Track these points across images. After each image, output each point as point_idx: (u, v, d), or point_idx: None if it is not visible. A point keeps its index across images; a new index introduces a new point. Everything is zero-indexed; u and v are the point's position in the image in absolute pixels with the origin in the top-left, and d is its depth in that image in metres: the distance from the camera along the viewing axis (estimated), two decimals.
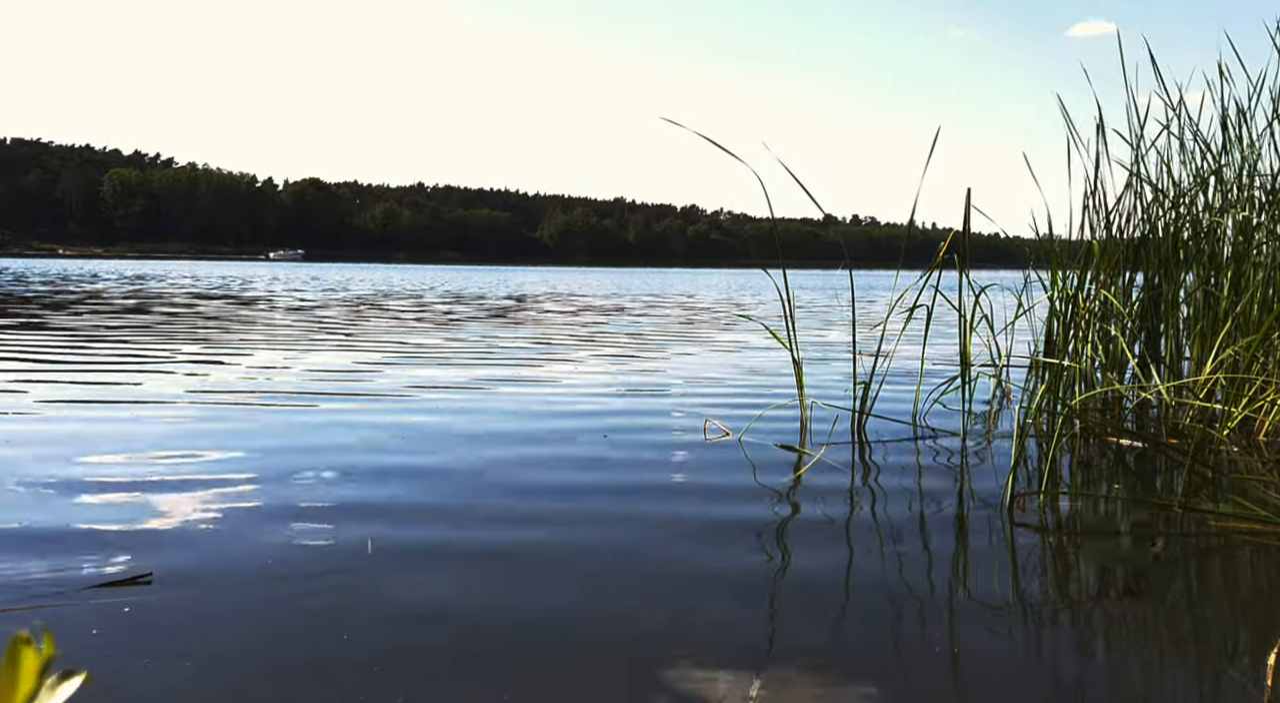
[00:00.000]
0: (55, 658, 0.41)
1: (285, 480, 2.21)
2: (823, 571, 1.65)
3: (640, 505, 2.06)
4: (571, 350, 5.68)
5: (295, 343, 5.86)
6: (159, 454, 2.48)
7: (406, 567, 1.62)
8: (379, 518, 1.91)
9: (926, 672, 1.24)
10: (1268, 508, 2.03)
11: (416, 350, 5.49)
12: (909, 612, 1.45)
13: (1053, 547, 1.88)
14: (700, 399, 3.64)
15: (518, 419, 3.14)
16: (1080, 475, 2.52)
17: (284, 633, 1.34)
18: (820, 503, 2.12)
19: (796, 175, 3.00)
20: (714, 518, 1.98)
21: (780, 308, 3.16)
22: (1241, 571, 1.74)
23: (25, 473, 2.24)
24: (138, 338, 6.05)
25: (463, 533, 1.83)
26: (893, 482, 2.34)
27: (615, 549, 1.75)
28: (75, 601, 1.42)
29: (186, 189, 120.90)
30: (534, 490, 2.18)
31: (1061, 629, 1.41)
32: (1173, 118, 3.44)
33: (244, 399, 3.47)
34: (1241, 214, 3.35)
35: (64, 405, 3.29)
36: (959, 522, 2.00)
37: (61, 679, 0.42)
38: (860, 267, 57.82)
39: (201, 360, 4.84)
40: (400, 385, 3.90)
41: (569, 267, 68.80)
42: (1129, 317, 3.43)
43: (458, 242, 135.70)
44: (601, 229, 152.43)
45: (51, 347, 5.39)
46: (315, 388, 3.81)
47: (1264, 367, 2.93)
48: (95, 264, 41.65)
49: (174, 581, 1.52)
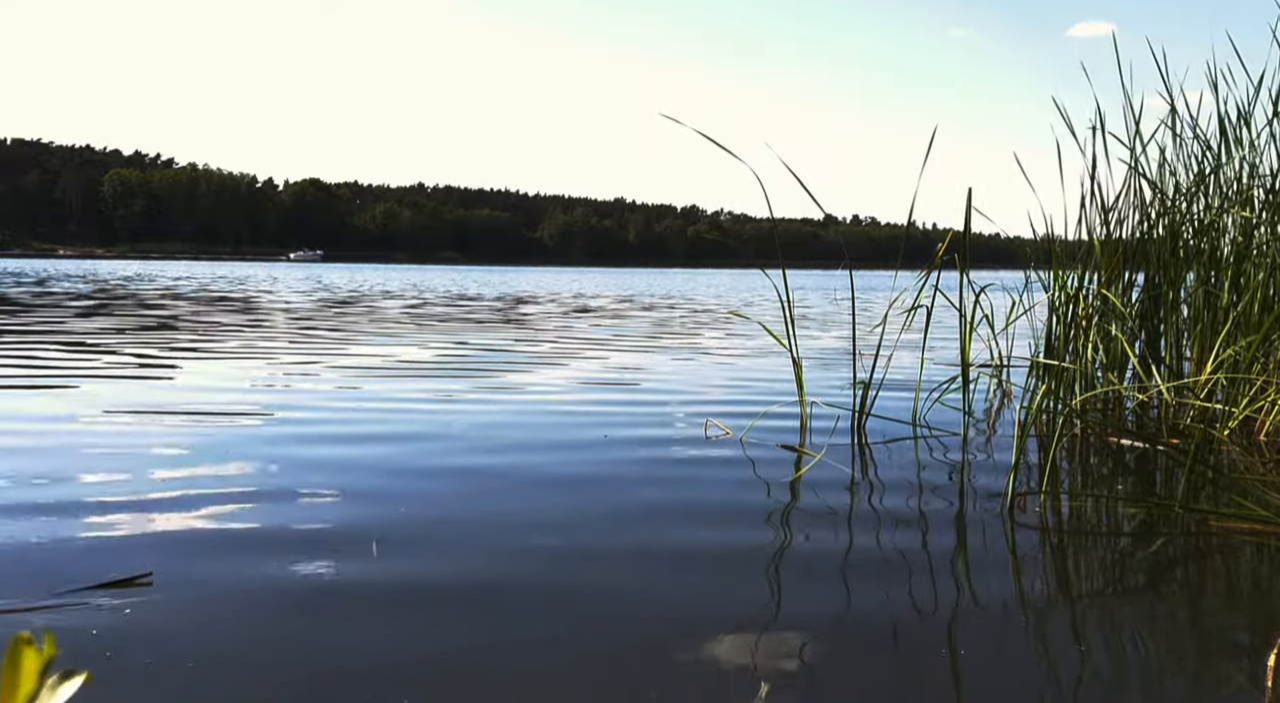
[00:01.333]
0: (56, 658, 0.41)
1: (286, 482, 2.21)
2: (822, 570, 1.65)
3: (640, 506, 2.06)
4: (572, 350, 5.68)
5: (329, 344, 5.86)
6: (159, 455, 2.48)
7: (408, 568, 1.62)
8: (380, 519, 1.91)
9: (927, 672, 1.24)
10: (1268, 508, 2.03)
11: (432, 351, 5.48)
12: (910, 612, 1.45)
13: (1053, 547, 1.88)
14: (700, 399, 3.64)
15: (518, 419, 3.14)
16: (1081, 476, 2.52)
17: (284, 634, 1.33)
18: (821, 503, 2.12)
19: (797, 175, 3.00)
20: (714, 518, 1.98)
21: (780, 308, 3.16)
22: (1241, 571, 1.74)
23: (25, 473, 2.24)
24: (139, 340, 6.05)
25: (464, 533, 1.83)
26: (893, 482, 2.34)
27: (615, 549, 1.75)
28: (75, 601, 1.42)
29: (186, 189, 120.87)
30: (533, 490, 2.18)
31: (1061, 629, 1.41)
32: (1173, 117, 3.44)
33: (245, 400, 3.47)
34: (1242, 213, 3.35)
35: (64, 405, 3.29)
36: (959, 522, 2.00)
37: (62, 680, 0.42)
38: (860, 267, 57.85)
39: (205, 359, 4.84)
40: (402, 385, 3.91)
41: (569, 267, 68.77)
42: (1129, 317, 3.43)
43: (458, 242, 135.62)
44: (601, 229, 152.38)
45: (50, 349, 5.40)
46: (322, 390, 3.81)
47: (1264, 367, 2.93)
48: (91, 265, 41.61)
49: (174, 581, 1.52)
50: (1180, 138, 3.47)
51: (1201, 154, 3.46)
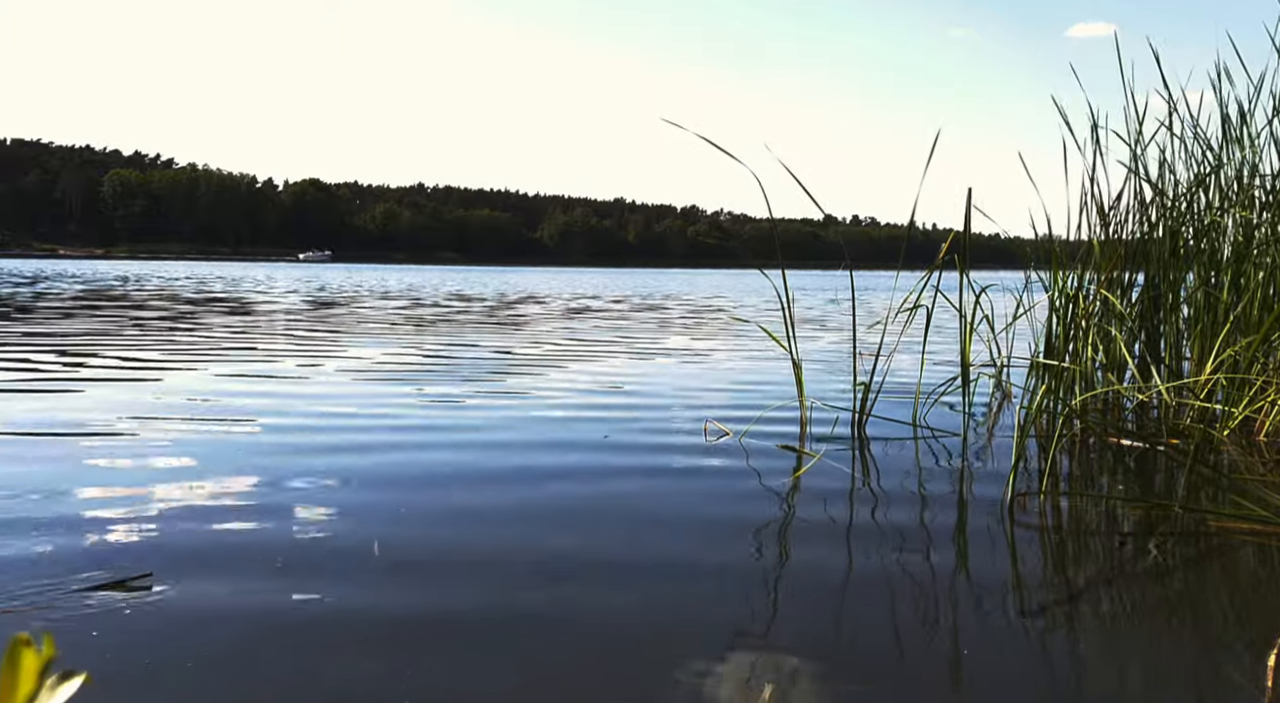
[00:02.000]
0: (55, 659, 0.41)
1: (286, 483, 2.21)
2: (823, 571, 1.65)
3: (639, 505, 2.06)
4: (572, 350, 5.68)
5: (347, 341, 5.86)
6: (158, 455, 2.48)
7: (408, 568, 1.62)
8: (381, 519, 1.91)
9: (927, 672, 1.24)
10: (1268, 508, 2.03)
11: (432, 352, 5.48)
12: (910, 612, 1.45)
13: (1053, 547, 1.88)
14: (700, 399, 3.64)
15: (519, 419, 3.13)
16: (1080, 476, 2.52)
17: (283, 634, 1.33)
18: (820, 503, 2.12)
19: (797, 175, 3.00)
20: (713, 518, 1.98)
21: (779, 308, 3.16)
22: (1241, 571, 1.74)
23: (24, 473, 2.24)
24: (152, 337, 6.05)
25: (465, 532, 1.83)
26: (893, 482, 2.34)
27: (614, 549, 1.75)
28: (75, 601, 1.42)
29: (186, 189, 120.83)
30: (532, 490, 2.18)
31: (1061, 629, 1.41)
32: (1173, 117, 3.44)
33: (245, 403, 3.47)
34: (1242, 213, 3.35)
35: (63, 407, 3.29)
36: (959, 522, 2.00)
37: (61, 680, 0.42)
38: (860, 267, 57.76)
39: (207, 361, 4.84)
40: (404, 385, 3.91)
41: (569, 267, 68.78)
42: (1129, 317, 3.43)
43: (457, 242, 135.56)
44: (601, 229, 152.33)
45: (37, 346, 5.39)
46: (324, 391, 3.81)
47: (1264, 367, 2.93)
48: (90, 265, 41.61)
49: (173, 581, 1.52)
50: (1180, 138, 3.47)
51: (1202, 154, 3.46)
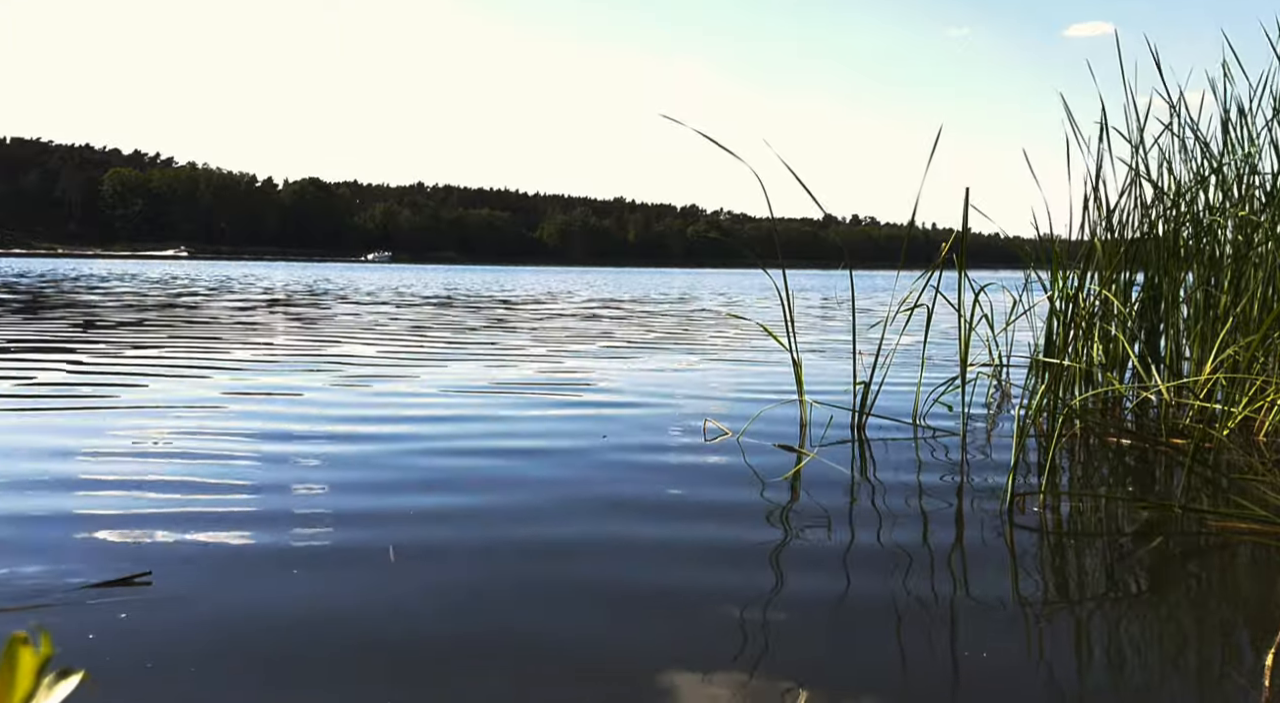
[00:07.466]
0: (53, 657, 0.41)
1: (287, 482, 2.21)
2: (822, 570, 1.65)
3: (639, 505, 2.06)
4: (572, 350, 5.68)
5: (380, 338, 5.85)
6: (158, 456, 2.48)
7: (407, 569, 1.62)
8: (382, 519, 1.91)
9: (927, 672, 1.24)
10: (1268, 508, 2.03)
11: (447, 346, 5.48)
12: (909, 612, 1.45)
13: (1052, 547, 1.88)
14: (698, 398, 3.64)
15: (518, 417, 3.13)
16: (1080, 475, 2.52)
17: (283, 634, 1.33)
18: (819, 503, 2.11)
19: (797, 174, 3.00)
20: (712, 517, 1.97)
21: (780, 308, 3.16)
22: (1241, 571, 1.74)
23: (23, 474, 2.24)
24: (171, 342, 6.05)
25: (466, 532, 1.83)
26: (892, 481, 2.34)
27: (613, 549, 1.75)
28: (73, 601, 1.42)
29: (186, 189, 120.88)
30: (531, 490, 2.18)
31: (1061, 629, 1.41)
32: (1173, 117, 3.44)
33: (246, 404, 3.47)
34: (1242, 213, 3.35)
35: (62, 407, 3.29)
36: (959, 522, 1.99)
37: (59, 679, 0.41)
38: (860, 267, 57.84)
39: (215, 366, 4.84)
40: (405, 385, 3.90)
41: (569, 267, 68.76)
42: (1129, 316, 3.43)
43: (457, 242, 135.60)
44: (601, 229, 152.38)
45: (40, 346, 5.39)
46: (326, 389, 3.81)
47: (1264, 367, 2.93)
48: (93, 265, 41.55)
49: (172, 581, 1.52)
50: (1180, 138, 3.47)
51: (1202, 154, 3.46)
